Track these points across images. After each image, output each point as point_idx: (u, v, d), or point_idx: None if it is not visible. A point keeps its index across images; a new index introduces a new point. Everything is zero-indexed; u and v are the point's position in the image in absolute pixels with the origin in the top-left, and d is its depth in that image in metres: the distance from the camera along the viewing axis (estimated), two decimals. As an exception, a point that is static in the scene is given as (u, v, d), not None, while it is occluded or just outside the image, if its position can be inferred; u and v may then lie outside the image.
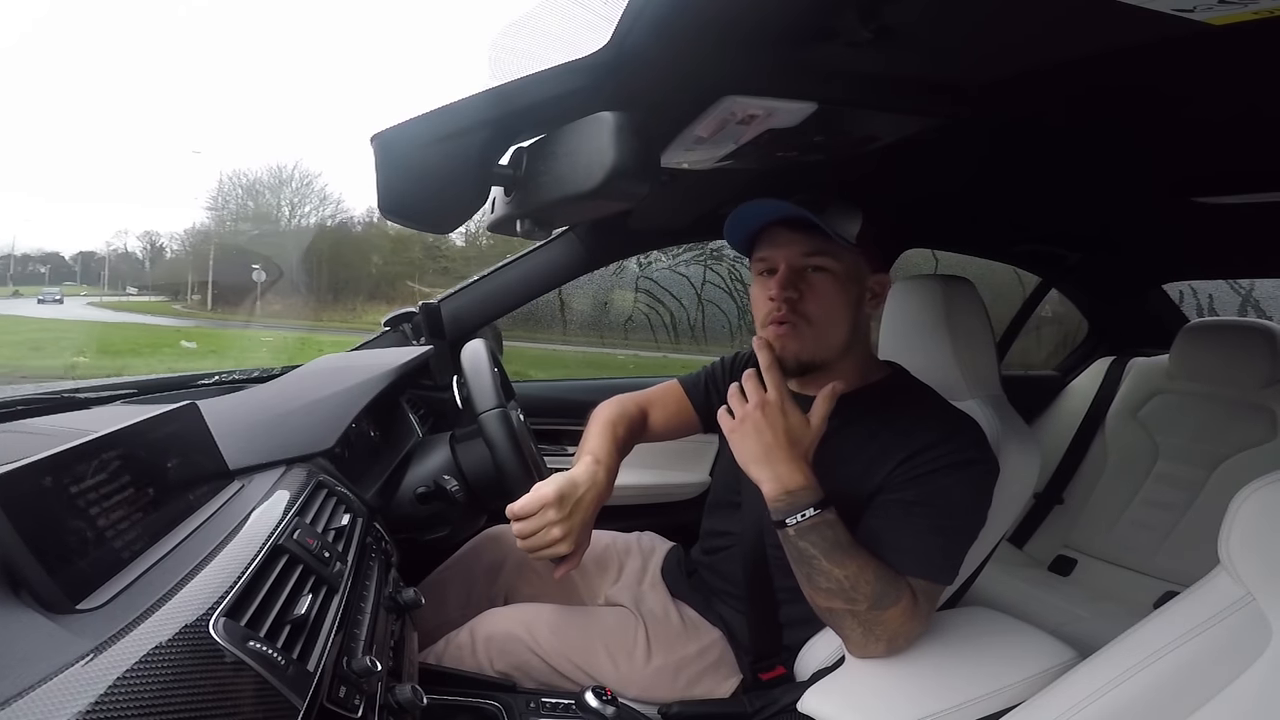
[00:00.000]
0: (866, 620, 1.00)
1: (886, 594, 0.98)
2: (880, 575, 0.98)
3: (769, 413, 0.98)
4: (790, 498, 0.97)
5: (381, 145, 0.72)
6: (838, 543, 0.97)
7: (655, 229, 1.74)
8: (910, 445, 1.05)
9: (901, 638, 1.03)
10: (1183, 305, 2.47)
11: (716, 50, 0.70)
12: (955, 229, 1.92)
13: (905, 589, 1.00)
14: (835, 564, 0.97)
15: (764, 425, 0.98)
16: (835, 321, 1.09)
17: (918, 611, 1.02)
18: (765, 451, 0.98)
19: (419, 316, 1.68)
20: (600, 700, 1.02)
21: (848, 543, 0.98)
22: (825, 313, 1.08)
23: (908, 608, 1.00)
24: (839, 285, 1.07)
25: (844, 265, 1.07)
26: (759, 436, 0.98)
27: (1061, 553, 2.15)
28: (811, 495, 0.97)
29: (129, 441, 0.73)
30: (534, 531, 1.02)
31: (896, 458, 1.05)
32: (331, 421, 1.12)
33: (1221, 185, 1.19)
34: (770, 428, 0.98)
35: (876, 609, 0.98)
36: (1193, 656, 0.77)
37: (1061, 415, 2.34)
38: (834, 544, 0.97)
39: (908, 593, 1.00)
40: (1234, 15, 0.52)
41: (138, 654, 0.51)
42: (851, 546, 0.98)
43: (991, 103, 0.83)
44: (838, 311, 1.08)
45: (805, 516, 0.97)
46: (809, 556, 0.98)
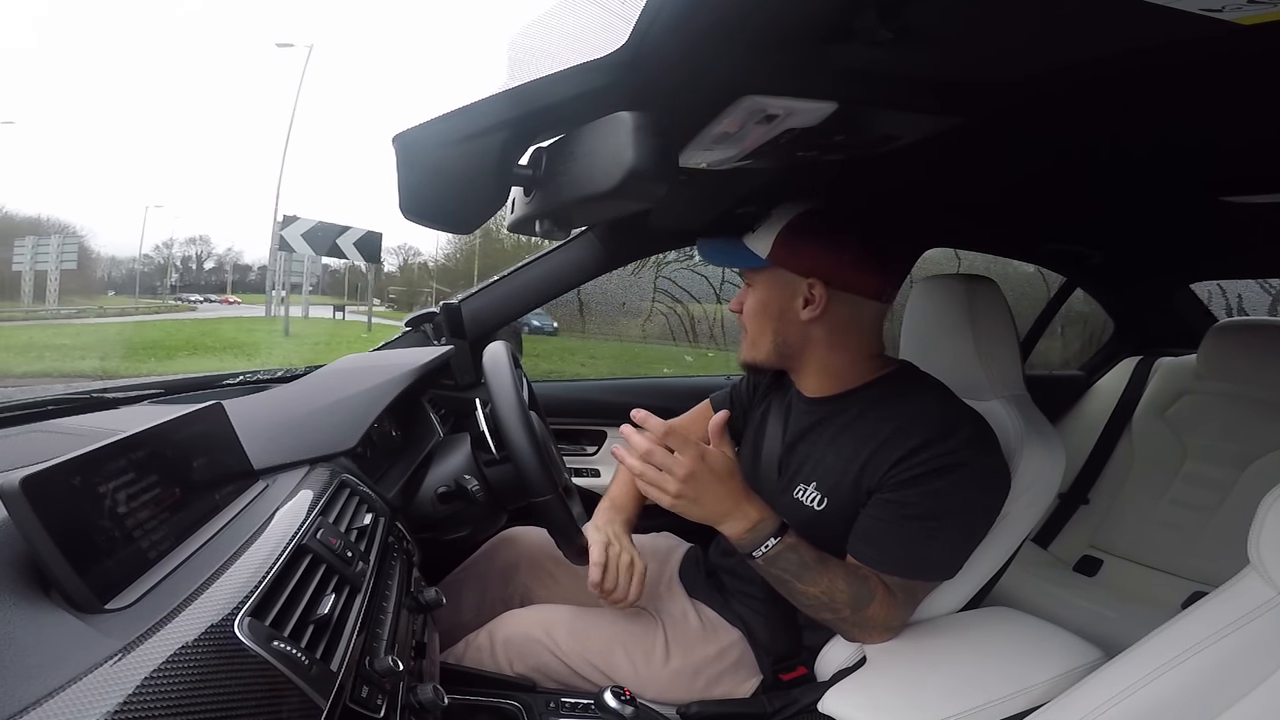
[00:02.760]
0: (853, 621, 1.08)
1: (861, 595, 1.06)
2: (850, 580, 1.06)
3: (699, 478, 1.01)
4: (752, 534, 1.04)
5: (402, 146, 0.73)
6: (805, 563, 1.05)
7: (674, 229, 1.74)
8: (906, 444, 1.06)
9: (896, 621, 1.11)
10: (1211, 305, 2.43)
11: (735, 50, 0.70)
12: (978, 228, 1.90)
13: (877, 583, 1.07)
14: (809, 583, 1.05)
15: (700, 492, 1.02)
16: (760, 330, 1.19)
17: (896, 601, 1.08)
18: (713, 513, 1.04)
19: (440, 316, 1.69)
20: (619, 700, 1.02)
21: (814, 560, 1.05)
22: (751, 323, 1.20)
23: (884, 599, 1.07)
24: (758, 299, 1.19)
25: (762, 281, 1.18)
26: (701, 504, 1.03)
27: (1087, 553, 2.12)
28: (770, 524, 1.04)
29: (156, 441, 0.74)
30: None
31: (893, 457, 1.07)
32: (354, 421, 1.12)
33: (1250, 185, 1.17)
34: (706, 490, 1.02)
35: (858, 610, 1.06)
36: (1222, 657, 0.76)
37: (1087, 415, 2.31)
38: (802, 565, 1.04)
39: (880, 586, 1.07)
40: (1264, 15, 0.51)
41: (165, 654, 0.52)
42: (818, 563, 1.05)
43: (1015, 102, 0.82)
44: (761, 321, 1.19)
45: (769, 546, 1.04)
46: (784, 580, 1.06)
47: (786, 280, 1.15)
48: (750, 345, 1.21)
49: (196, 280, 42.36)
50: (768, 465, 1.25)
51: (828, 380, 1.19)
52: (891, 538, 1.06)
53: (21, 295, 20.30)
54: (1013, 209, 1.61)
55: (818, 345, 1.17)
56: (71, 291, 22.06)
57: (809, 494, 1.15)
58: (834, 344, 1.17)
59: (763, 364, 1.21)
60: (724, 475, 1.02)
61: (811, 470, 1.16)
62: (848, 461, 1.11)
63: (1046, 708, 0.89)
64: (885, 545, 1.07)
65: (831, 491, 1.13)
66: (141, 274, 33.71)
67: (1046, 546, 2.20)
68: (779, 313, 1.16)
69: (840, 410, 1.17)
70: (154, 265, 36.69)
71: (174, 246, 40.78)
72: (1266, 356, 1.89)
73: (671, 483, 1.00)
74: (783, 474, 1.22)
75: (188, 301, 31.92)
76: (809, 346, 1.17)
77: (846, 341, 1.17)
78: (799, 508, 1.16)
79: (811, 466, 1.17)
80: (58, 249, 20.13)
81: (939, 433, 1.06)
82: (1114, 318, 2.48)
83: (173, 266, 39.48)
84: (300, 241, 9.96)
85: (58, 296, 20.23)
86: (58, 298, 20.20)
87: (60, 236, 21.74)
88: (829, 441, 1.16)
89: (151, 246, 38.10)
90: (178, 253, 41.04)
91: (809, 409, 1.21)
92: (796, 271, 1.14)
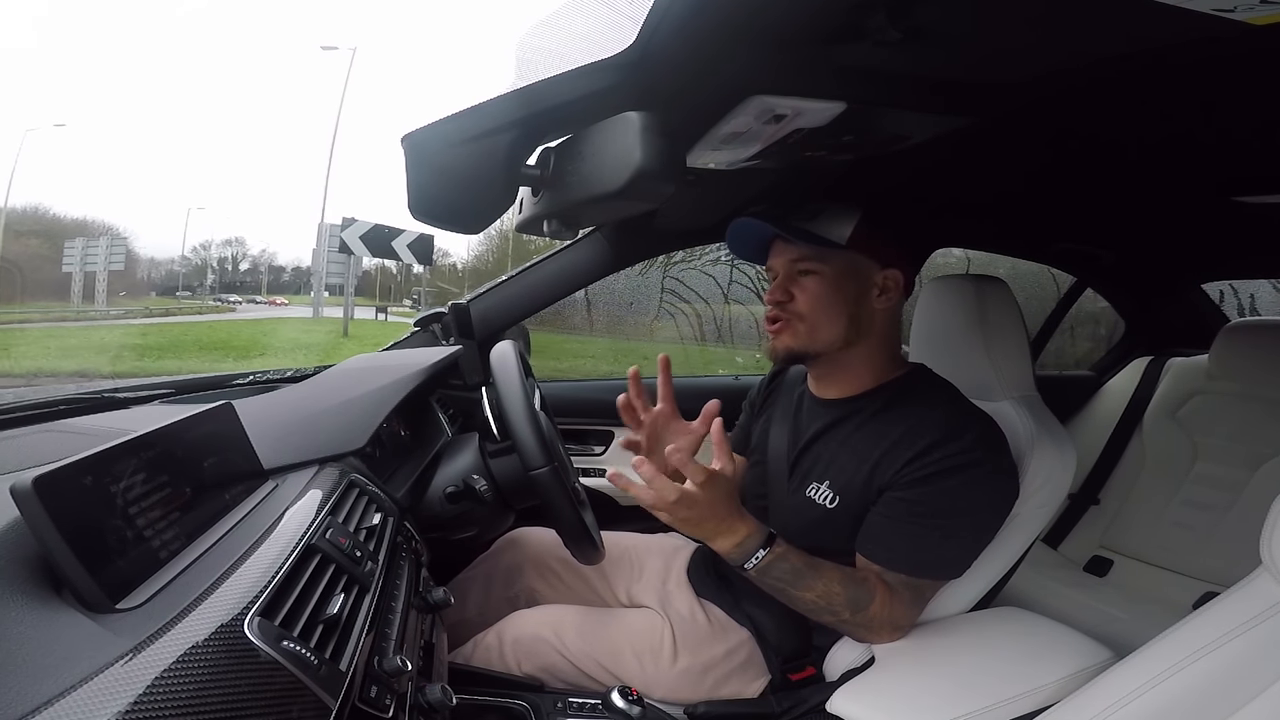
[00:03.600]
0: (856, 623, 1.08)
1: (860, 597, 1.06)
2: (846, 583, 1.06)
3: (697, 500, 0.99)
4: (741, 548, 1.03)
5: (411, 146, 0.73)
6: (797, 570, 1.05)
7: (681, 229, 1.74)
8: (917, 444, 1.07)
9: (903, 620, 1.11)
10: (1223, 305, 2.42)
11: (743, 50, 0.69)
12: (988, 228, 1.90)
13: (876, 584, 1.07)
14: (804, 589, 1.06)
15: (697, 514, 1.00)
16: (828, 316, 1.15)
17: (900, 600, 1.08)
18: (708, 529, 1.03)
19: (448, 317, 1.69)
20: (626, 700, 1.03)
21: (806, 566, 1.06)
22: (815, 309, 1.15)
23: (885, 599, 1.07)
24: (829, 284, 1.14)
25: (834, 266, 1.14)
26: (699, 523, 1.02)
27: (1097, 553, 2.11)
28: (758, 537, 1.04)
29: (167, 441, 0.74)
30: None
31: (904, 456, 1.07)
32: (363, 421, 1.13)
33: (1263, 185, 1.17)
34: (702, 510, 1.00)
35: (859, 612, 1.06)
36: (1233, 657, 0.75)
37: (1097, 415, 2.30)
38: (795, 572, 1.05)
39: (879, 586, 1.07)
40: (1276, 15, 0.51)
41: (175, 653, 0.52)
42: (810, 569, 1.05)
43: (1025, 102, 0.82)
44: (829, 308, 1.14)
45: (759, 558, 1.04)
46: (779, 589, 1.07)
47: (862, 266, 1.15)
48: (808, 332, 1.16)
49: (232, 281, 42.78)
50: (776, 465, 1.25)
51: (851, 380, 1.20)
52: (900, 536, 1.07)
53: (71, 296, 20.61)
54: (1023, 209, 1.61)
55: (875, 337, 1.17)
56: (116, 292, 22.61)
57: (821, 492, 1.15)
58: (885, 338, 1.18)
59: (819, 353, 1.17)
60: (723, 493, 1.01)
61: (824, 469, 1.17)
62: (860, 461, 1.11)
63: (1056, 708, 0.89)
64: (894, 543, 1.07)
65: (843, 490, 1.13)
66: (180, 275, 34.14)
67: (1056, 547, 2.19)
68: (855, 297, 1.15)
69: (855, 411, 1.17)
70: (191, 266, 37.23)
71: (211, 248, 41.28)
72: (1278, 357, 1.88)
73: (671, 493, 0.98)
74: (795, 473, 1.22)
75: (227, 302, 32.42)
76: (870, 336, 1.17)
77: (891, 336, 1.19)
78: (811, 506, 1.16)
79: (824, 466, 1.17)
80: (106, 250, 20.46)
81: (949, 433, 1.06)
82: (1125, 318, 2.47)
83: (210, 267, 39.98)
84: (359, 244, 10.13)
85: (106, 297, 20.67)
86: (106, 298, 20.64)
87: (109, 238, 22.07)
88: (841, 442, 1.16)
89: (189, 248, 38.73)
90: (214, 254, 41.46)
91: (824, 410, 1.22)
92: (876, 260, 1.14)
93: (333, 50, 27.86)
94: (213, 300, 32.65)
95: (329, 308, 19.24)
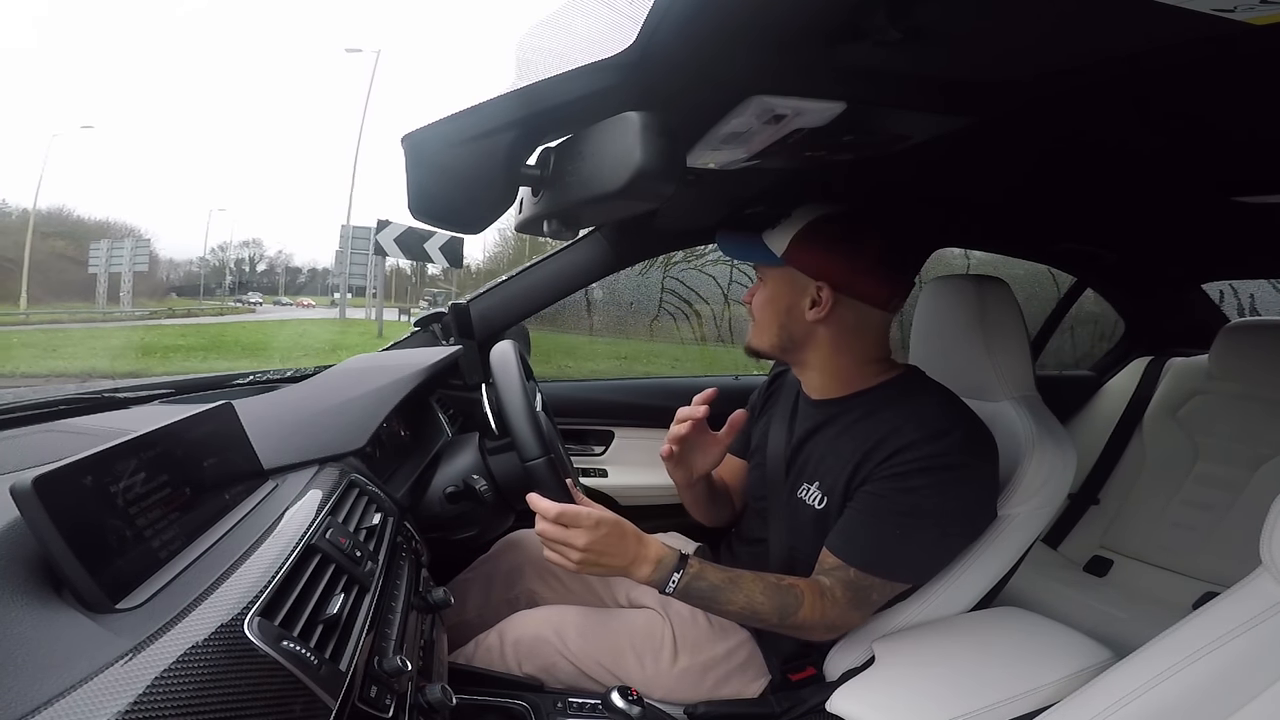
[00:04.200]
0: (786, 627, 1.08)
1: (786, 603, 1.06)
2: (769, 592, 1.06)
3: (594, 546, 1.02)
4: (658, 572, 1.05)
5: (411, 146, 0.73)
6: (716, 586, 1.06)
7: (682, 229, 1.73)
8: (898, 442, 1.07)
9: (839, 622, 1.11)
10: (1223, 305, 2.42)
11: (744, 50, 0.69)
12: (989, 228, 1.90)
13: (801, 589, 1.07)
14: (726, 602, 1.06)
15: (600, 555, 1.03)
16: (766, 321, 1.21)
17: (835, 602, 1.07)
18: (618, 566, 1.05)
19: (448, 317, 1.69)
20: (626, 700, 1.03)
21: (724, 581, 1.07)
22: (759, 314, 1.23)
23: (814, 603, 1.06)
24: (768, 295, 1.21)
25: (774, 277, 1.20)
26: (605, 564, 1.04)
27: (1097, 553, 2.11)
28: (671, 560, 1.06)
29: (167, 441, 0.74)
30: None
31: (883, 454, 1.07)
32: (363, 421, 1.13)
33: (1263, 185, 1.17)
34: (604, 552, 1.03)
35: (786, 618, 1.06)
36: (1234, 657, 0.75)
37: (1097, 416, 2.30)
38: (714, 588, 1.06)
39: (807, 590, 1.07)
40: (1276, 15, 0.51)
41: (175, 653, 0.52)
42: (729, 583, 1.06)
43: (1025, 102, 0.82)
44: (768, 314, 1.21)
45: (676, 581, 1.04)
46: (703, 605, 1.08)
47: (797, 280, 1.15)
48: (756, 334, 1.24)
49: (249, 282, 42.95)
50: (774, 465, 1.25)
51: (831, 382, 1.20)
52: (864, 530, 1.07)
53: (97, 297, 21.16)
54: (1024, 209, 1.61)
55: (821, 345, 1.18)
56: (140, 294, 23.00)
57: (811, 493, 1.16)
58: (837, 346, 1.18)
59: (765, 352, 1.24)
60: (617, 534, 1.04)
61: (814, 470, 1.17)
62: (845, 461, 1.11)
63: (1056, 708, 0.89)
64: (855, 536, 1.08)
65: (830, 490, 1.13)
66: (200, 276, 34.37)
67: (1056, 547, 2.20)
68: (786, 309, 1.18)
69: (844, 412, 1.17)
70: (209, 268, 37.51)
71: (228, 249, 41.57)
72: (1278, 357, 1.88)
73: (574, 553, 1.02)
74: (789, 474, 1.22)
75: (247, 303, 32.64)
76: (811, 345, 1.19)
77: (850, 345, 1.18)
78: (802, 507, 1.16)
79: (814, 466, 1.17)
80: (131, 252, 21.04)
81: (932, 433, 1.06)
82: (1125, 318, 2.47)
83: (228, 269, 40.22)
84: (393, 246, 10.38)
85: (131, 298, 21.12)
86: (131, 299, 21.08)
87: (133, 239, 22.81)
88: (830, 442, 1.16)
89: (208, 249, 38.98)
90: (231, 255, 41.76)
91: (814, 410, 1.22)
92: (807, 273, 1.14)
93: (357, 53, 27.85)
94: (233, 301, 32.82)
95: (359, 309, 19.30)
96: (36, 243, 25.42)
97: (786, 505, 1.21)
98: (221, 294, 34.91)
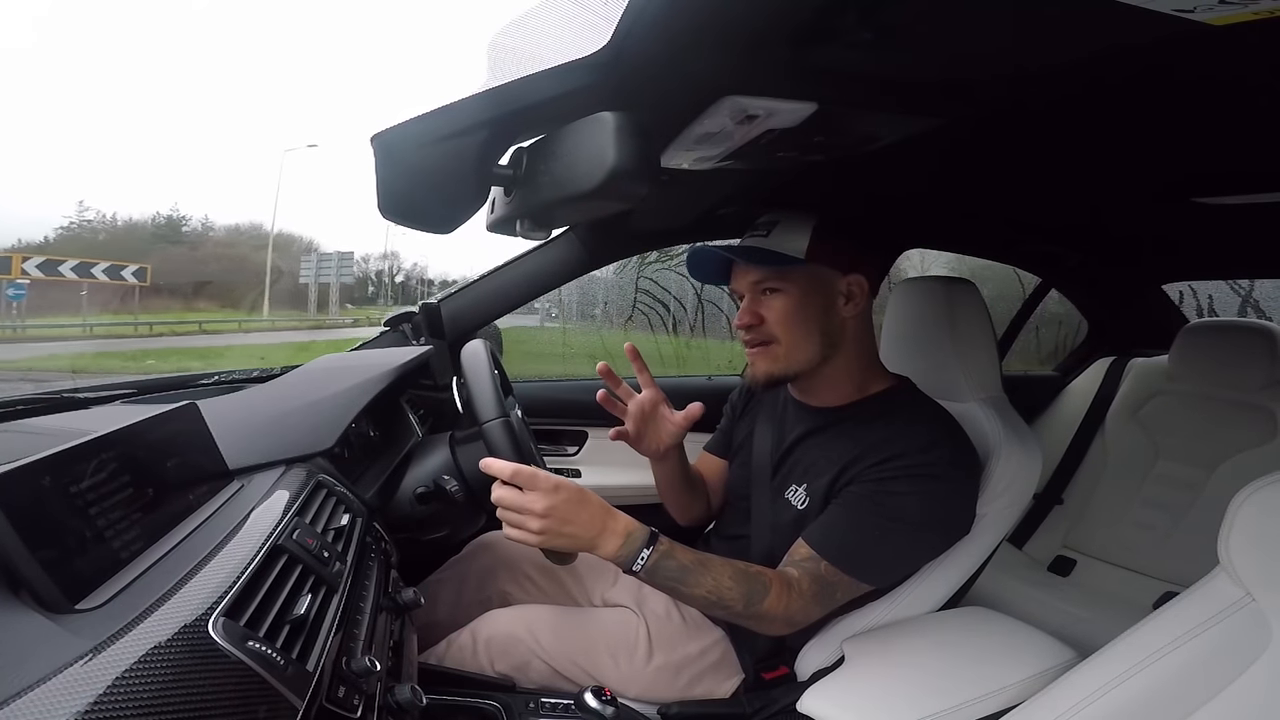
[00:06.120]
0: (751, 615, 1.03)
1: (754, 590, 1.02)
2: (738, 577, 1.02)
3: (558, 510, 0.95)
4: (626, 546, 0.98)
5: (381, 146, 0.72)
6: (685, 567, 1.01)
7: (655, 229, 1.74)
8: (886, 450, 1.07)
9: (799, 616, 1.05)
10: (1183, 306, 2.47)
11: (717, 51, 0.70)
12: (955, 229, 1.92)
13: (769, 578, 1.04)
14: (694, 585, 1.01)
15: (564, 522, 0.96)
16: (801, 334, 1.14)
17: (801, 595, 1.04)
18: (584, 537, 0.98)
19: (419, 316, 1.68)
20: (600, 700, 1.02)
21: (694, 562, 1.02)
22: (786, 328, 1.13)
23: (781, 593, 1.03)
24: (795, 301, 1.13)
25: (797, 281, 1.13)
26: (569, 533, 0.96)
27: (1061, 553, 2.15)
28: (640, 535, 1.00)
29: (129, 441, 0.73)
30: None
31: (871, 459, 1.07)
32: (331, 421, 1.12)
33: (1221, 185, 1.19)
34: (569, 518, 0.96)
35: (752, 604, 1.02)
36: (1192, 657, 0.77)
37: (1061, 416, 2.34)
38: (683, 569, 1.01)
39: (775, 580, 1.04)
40: (1234, 15, 0.52)
41: (136, 654, 0.51)
42: (698, 564, 1.02)
43: (991, 103, 0.83)
44: (801, 325, 1.13)
45: (646, 557, 0.99)
46: (670, 587, 1.02)
47: (825, 277, 1.13)
48: (787, 354, 1.15)
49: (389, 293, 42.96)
50: (759, 466, 1.26)
51: (833, 391, 1.19)
52: (843, 526, 1.07)
53: (309, 305, 23.37)
54: (990, 210, 1.63)
55: (849, 346, 1.17)
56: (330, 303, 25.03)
57: (797, 494, 1.16)
58: (862, 343, 1.18)
59: (798, 371, 1.16)
60: (579, 500, 0.97)
61: (803, 473, 1.17)
62: (833, 465, 1.12)
63: (1021, 708, 0.90)
64: (833, 531, 1.07)
65: (813, 493, 1.14)
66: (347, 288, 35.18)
67: (1021, 546, 2.23)
68: (822, 310, 1.14)
69: (839, 420, 1.17)
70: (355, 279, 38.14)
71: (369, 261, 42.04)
72: (1236, 357, 1.92)
73: (533, 520, 0.95)
74: (776, 476, 1.23)
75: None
76: (843, 345, 1.16)
77: (867, 341, 1.19)
78: (786, 508, 1.17)
79: (803, 469, 1.18)
80: (337, 265, 22.96)
81: (920, 445, 1.06)
82: (1088, 318, 2.51)
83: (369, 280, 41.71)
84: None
85: (338, 307, 23.16)
86: (336, 308, 23.16)
87: (338, 253, 24.75)
88: (821, 447, 1.17)
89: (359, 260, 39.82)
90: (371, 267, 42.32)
91: (807, 416, 1.22)
92: (838, 267, 1.13)
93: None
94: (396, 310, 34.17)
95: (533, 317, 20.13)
96: (248, 255, 27.94)
97: (771, 505, 1.21)
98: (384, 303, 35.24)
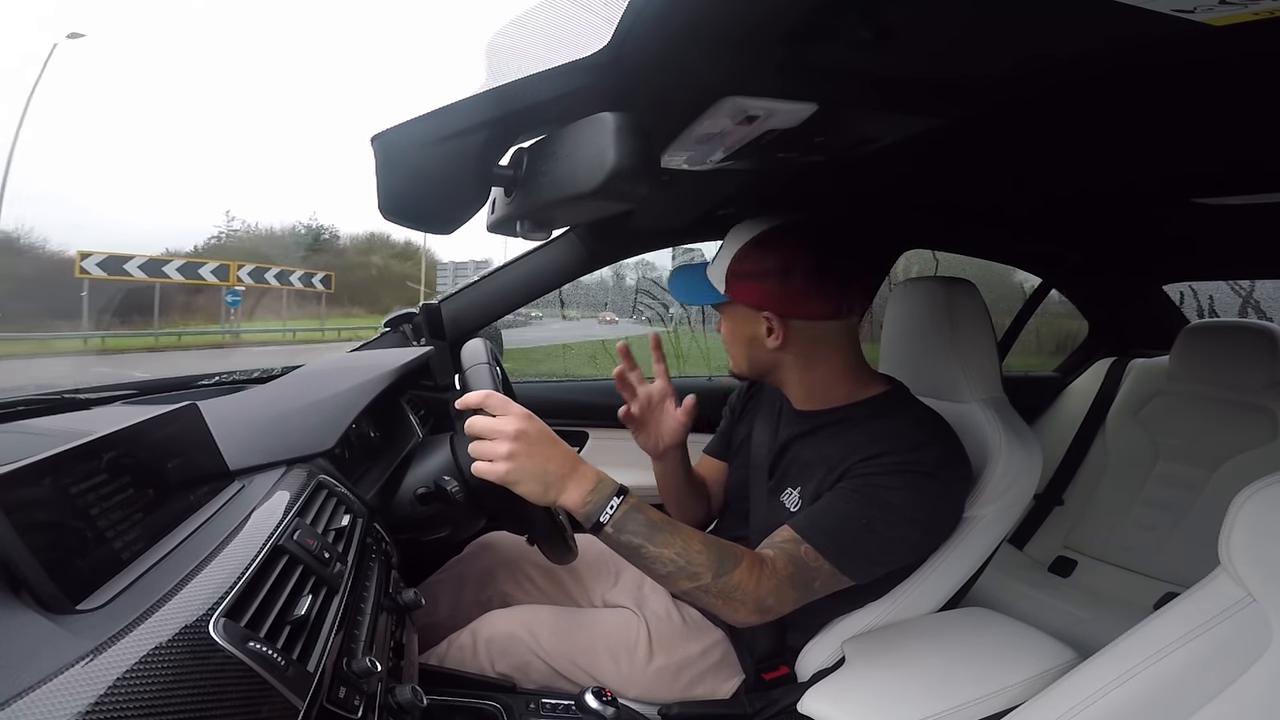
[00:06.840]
0: (719, 590, 0.99)
1: (725, 558, 0.99)
2: (708, 543, 1.00)
3: (529, 435, 0.95)
4: (595, 494, 0.97)
5: (381, 146, 0.72)
6: (653, 524, 0.98)
7: (656, 229, 1.74)
8: (879, 447, 1.07)
9: (770, 600, 1.01)
10: (1183, 306, 2.46)
11: (717, 51, 0.70)
12: (956, 229, 1.92)
13: (741, 551, 1.01)
14: (662, 544, 0.98)
15: (533, 449, 0.95)
16: (735, 354, 1.24)
17: (775, 576, 1.01)
18: (552, 472, 0.96)
19: (419, 317, 1.68)
20: (600, 701, 1.02)
21: (662, 520, 0.99)
22: (728, 345, 1.25)
23: (752, 568, 1.00)
24: (728, 329, 1.23)
25: (727, 314, 1.22)
26: (537, 463, 0.96)
27: (1062, 554, 2.14)
28: (610, 485, 0.99)
29: (130, 442, 0.73)
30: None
31: (860, 456, 1.07)
32: (332, 422, 1.12)
33: (1222, 186, 1.19)
34: (537, 448, 0.96)
35: (721, 575, 0.98)
36: (1193, 657, 0.77)
37: (1062, 416, 2.34)
38: (651, 525, 0.98)
39: (746, 554, 1.01)
40: (1234, 16, 0.52)
41: (137, 654, 0.51)
42: (667, 523, 0.99)
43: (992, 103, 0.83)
44: (734, 347, 1.23)
45: (614, 507, 0.97)
46: (636, 546, 0.98)
47: (746, 313, 1.16)
48: (732, 362, 1.25)
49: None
50: (757, 468, 1.26)
51: (812, 395, 1.20)
52: (830, 513, 1.05)
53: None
54: (990, 210, 1.63)
55: (790, 367, 1.19)
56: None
57: (792, 497, 1.16)
58: (806, 365, 1.18)
59: (746, 377, 1.27)
60: (550, 437, 0.97)
61: (797, 475, 1.17)
62: (824, 466, 1.12)
63: (1021, 709, 0.90)
64: (819, 517, 1.05)
65: (805, 494, 1.14)
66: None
67: (1022, 547, 2.23)
68: (748, 341, 1.19)
69: (830, 423, 1.17)
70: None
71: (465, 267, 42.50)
72: (1237, 358, 1.92)
73: (502, 444, 0.94)
74: (772, 476, 1.23)
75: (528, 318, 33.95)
76: (782, 368, 1.19)
77: (820, 359, 1.17)
78: (780, 509, 1.17)
79: (797, 471, 1.18)
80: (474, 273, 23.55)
81: (911, 445, 1.06)
82: (1088, 319, 2.51)
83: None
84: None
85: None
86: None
87: (474, 263, 26.01)
88: (814, 449, 1.16)
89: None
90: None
91: (800, 419, 1.22)
92: (750, 306, 1.15)
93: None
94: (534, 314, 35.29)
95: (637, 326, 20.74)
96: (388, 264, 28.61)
97: (768, 507, 1.21)
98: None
